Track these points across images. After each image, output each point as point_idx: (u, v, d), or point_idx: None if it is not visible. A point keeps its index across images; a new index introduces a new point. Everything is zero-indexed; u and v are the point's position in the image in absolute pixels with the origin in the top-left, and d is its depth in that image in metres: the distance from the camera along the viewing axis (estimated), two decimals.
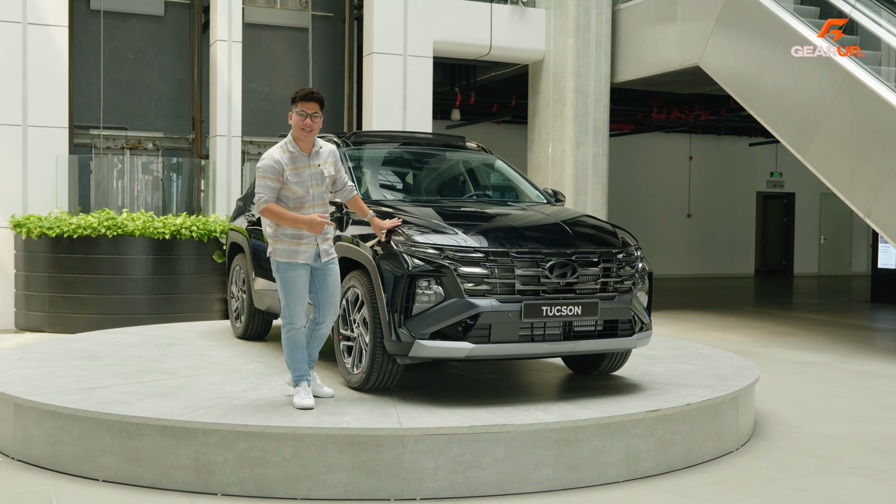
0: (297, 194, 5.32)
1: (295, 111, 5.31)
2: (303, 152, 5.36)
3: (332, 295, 5.50)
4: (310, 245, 5.36)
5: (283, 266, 5.36)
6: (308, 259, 5.37)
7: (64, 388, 5.68)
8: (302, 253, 5.35)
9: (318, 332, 5.59)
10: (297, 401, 5.27)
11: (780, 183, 25.67)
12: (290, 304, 5.37)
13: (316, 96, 5.32)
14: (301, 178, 5.31)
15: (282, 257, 5.35)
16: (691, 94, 17.79)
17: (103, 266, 10.93)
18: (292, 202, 5.33)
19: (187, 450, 4.86)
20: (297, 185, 5.30)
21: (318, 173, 5.39)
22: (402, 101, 13.30)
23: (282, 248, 5.35)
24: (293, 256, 5.34)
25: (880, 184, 9.89)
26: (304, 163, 5.35)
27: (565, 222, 6.02)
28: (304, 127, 5.30)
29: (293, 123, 5.33)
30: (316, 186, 5.37)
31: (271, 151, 5.34)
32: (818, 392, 8.13)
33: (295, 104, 5.32)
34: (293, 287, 5.36)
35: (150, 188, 12.49)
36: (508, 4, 14.28)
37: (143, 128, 13.62)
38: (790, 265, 25.73)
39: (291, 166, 5.30)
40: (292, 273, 5.35)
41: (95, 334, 8.37)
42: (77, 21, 12.94)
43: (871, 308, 16.36)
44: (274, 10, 14.31)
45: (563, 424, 5.03)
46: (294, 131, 5.34)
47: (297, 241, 5.33)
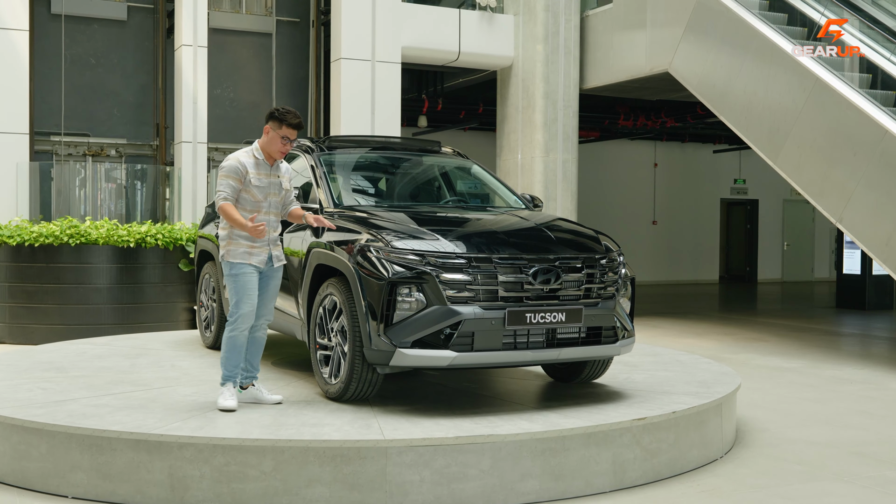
0: (256, 198, 5.46)
1: (278, 133, 5.44)
2: (266, 162, 5.53)
3: (271, 299, 5.64)
4: (262, 249, 5.47)
5: (236, 267, 5.44)
6: (261, 263, 5.47)
7: (30, 401, 5.47)
8: (255, 256, 5.45)
9: (255, 337, 5.66)
10: (221, 401, 5.35)
11: (744, 190, 25.86)
12: (241, 305, 5.44)
13: (302, 125, 5.52)
14: (262, 184, 5.48)
15: (235, 258, 5.44)
16: (658, 101, 17.84)
17: (66, 275, 10.66)
18: (249, 205, 5.46)
19: (162, 464, 4.68)
20: (258, 189, 5.46)
21: (277, 184, 5.57)
22: (370, 107, 13.17)
23: (235, 249, 5.44)
24: (246, 258, 5.43)
25: (851, 189, 9.92)
26: (267, 171, 5.52)
27: (547, 227, 5.92)
28: (283, 151, 5.50)
29: (271, 140, 5.47)
30: (273, 195, 5.55)
31: (237, 154, 5.52)
32: (794, 397, 8.10)
33: (280, 127, 5.43)
34: (244, 288, 5.43)
35: (114, 196, 12.24)
36: (477, 10, 14.21)
37: (106, 134, 13.36)
38: (754, 271, 25.90)
39: (255, 171, 5.46)
40: (244, 275, 5.43)
41: (61, 345, 8.13)
42: (38, 25, 12.67)
43: (836, 313, 16.47)
44: (238, 15, 14.14)
45: (549, 434, 4.92)
46: (269, 147, 5.49)
47: (251, 244, 5.44)
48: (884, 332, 13.76)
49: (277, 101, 14.06)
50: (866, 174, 9.78)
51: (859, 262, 17.09)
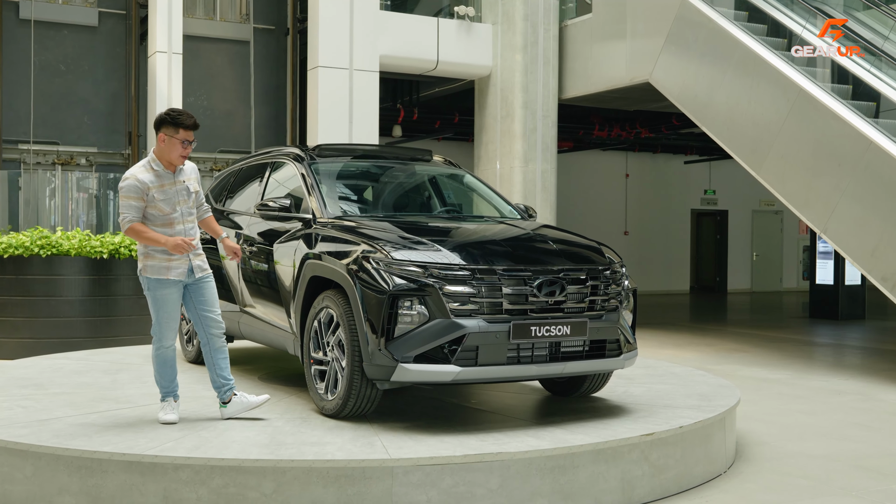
0: (165, 211, 5.25)
1: (176, 137, 5.21)
2: (167, 170, 5.30)
3: (212, 307, 5.41)
4: (182, 262, 5.27)
5: (154, 283, 5.24)
6: (181, 276, 5.28)
7: (11, 420, 5.22)
8: (174, 269, 5.25)
9: (216, 347, 5.44)
10: (161, 415, 5.28)
11: (714, 200, 25.98)
12: (161, 321, 5.27)
13: (198, 124, 5.34)
14: (167, 195, 5.26)
15: (153, 274, 5.24)
16: (634, 112, 17.83)
17: (36, 287, 10.32)
18: (160, 220, 5.24)
19: (156, 487, 4.46)
20: (164, 202, 5.24)
21: (183, 189, 5.34)
22: (348, 116, 12.98)
23: (152, 264, 5.24)
24: (165, 273, 5.24)
25: (836, 200, 9.91)
26: (170, 180, 5.29)
27: (549, 238, 5.78)
28: (184, 155, 5.27)
29: (168, 147, 5.23)
30: (183, 203, 5.34)
31: (133, 170, 5.27)
32: (786, 409, 8.03)
33: (176, 130, 5.21)
34: (163, 305, 5.25)
35: (85, 206, 11.93)
36: (455, 19, 14.09)
37: (76, 142, 13.06)
38: (724, 282, 26.01)
39: (157, 184, 5.23)
40: (164, 290, 5.24)
41: (36, 360, 7.85)
42: (6, 31, 12.35)
43: (810, 323, 16.52)
44: (213, 21, 13.90)
45: (558, 451, 4.77)
46: (169, 155, 5.25)
47: (168, 258, 5.23)
48: (860, 341, 13.80)
49: (254, 110, 13.83)
50: (851, 185, 9.77)
51: (832, 272, 17.17)
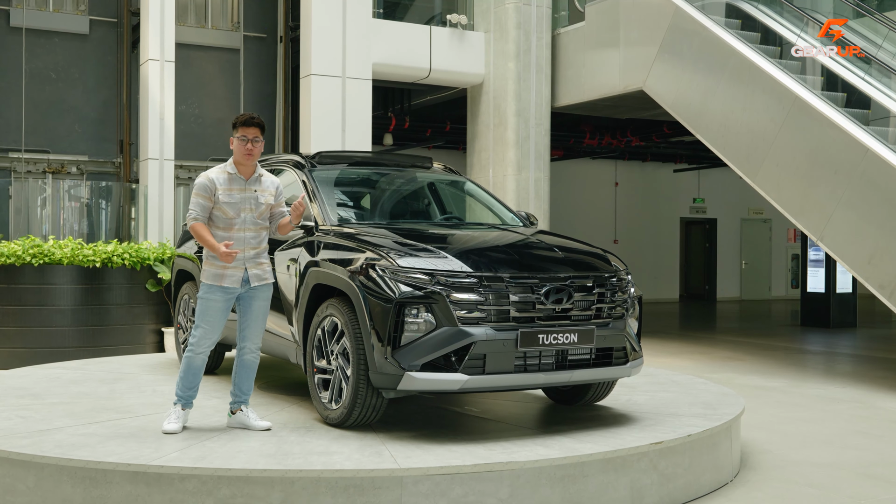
0: (228, 215, 5.25)
1: (236, 136, 5.28)
2: (241, 175, 5.31)
3: (255, 320, 5.38)
4: (237, 270, 5.24)
5: (205, 288, 5.26)
6: (234, 283, 5.24)
7: (12, 431, 5.14)
8: (228, 277, 5.23)
9: (244, 360, 5.41)
10: (165, 424, 5.21)
11: (703, 209, 26.03)
12: (201, 327, 5.26)
13: (256, 121, 5.31)
14: (233, 200, 5.26)
15: (207, 279, 5.26)
16: (625, 120, 17.84)
17: (28, 296, 10.22)
18: (222, 223, 5.27)
19: (161, 498, 4.39)
20: (229, 205, 5.25)
21: (252, 198, 5.31)
22: (341, 123, 12.93)
23: (208, 269, 5.26)
24: (218, 280, 5.23)
25: (832, 208, 9.92)
26: (241, 185, 5.30)
27: (555, 246, 5.74)
28: (246, 152, 5.26)
29: (235, 148, 5.30)
30: (248, 211, 5.30)
31: (209, 171, 5.36)
32: (786, 418, 8.01)
33: (236, 129, 5.29)
34: (208, 311, 5.25)
35: (77, 214, 11.83)
36: (448, 27, 14.07)
37: (67, 151, 12.96)
38: (713, 290, 26.04)
39: (226, 186, 5.26)
40: (212, 297, 5.24)
41: (31, 370, 7.75)
42: None
43: (802, 331, 16.54)
44: (205, 30, 13.84)
45: (568, 460, 4.72)
46: (236, 156, 5.31)
47: (223, 266, 5.23)
48: (853, 349, 13.82)
49: None
50: (847, 193, 9.78)
51: (823, 280, 17.20)
